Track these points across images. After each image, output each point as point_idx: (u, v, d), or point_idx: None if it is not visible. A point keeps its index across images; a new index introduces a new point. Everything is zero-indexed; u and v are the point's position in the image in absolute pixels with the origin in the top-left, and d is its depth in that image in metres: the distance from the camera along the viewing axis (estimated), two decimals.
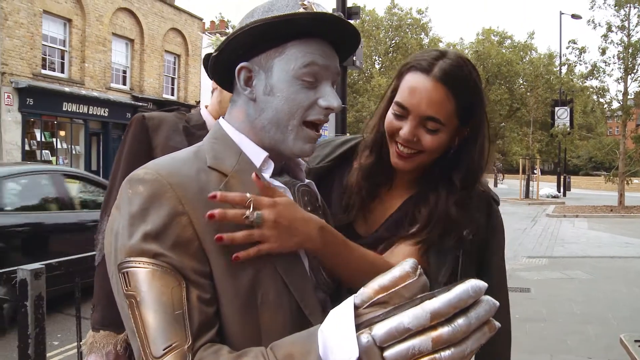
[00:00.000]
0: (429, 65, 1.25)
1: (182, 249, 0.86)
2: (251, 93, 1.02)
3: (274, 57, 1.01)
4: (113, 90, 20.44)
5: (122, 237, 0.87)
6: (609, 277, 8.24)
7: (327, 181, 1.43)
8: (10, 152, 16.15)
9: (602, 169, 29.17)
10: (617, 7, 19.90)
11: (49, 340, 1.90)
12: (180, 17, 24.49)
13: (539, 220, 17.26)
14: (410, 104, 1.26)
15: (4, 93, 15.96)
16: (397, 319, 0.68)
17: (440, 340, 0.67)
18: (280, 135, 1.01)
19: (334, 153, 1.46)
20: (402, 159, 1.31)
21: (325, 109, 1.02)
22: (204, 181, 0.93)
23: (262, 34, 0.98)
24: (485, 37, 44.13)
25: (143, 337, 0.83)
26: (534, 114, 28.59)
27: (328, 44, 1.04)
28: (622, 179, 20.17)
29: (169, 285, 0.84)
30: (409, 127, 1.26)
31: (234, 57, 1.03)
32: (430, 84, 1.24)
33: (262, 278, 0.92)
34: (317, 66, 1.00)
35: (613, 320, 5.84)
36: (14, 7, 16.22)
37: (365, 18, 43.40)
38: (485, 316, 0.69)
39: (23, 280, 1.87)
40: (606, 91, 20.90)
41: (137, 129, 1.94)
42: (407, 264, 0.76)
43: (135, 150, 1.91)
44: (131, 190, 0.90)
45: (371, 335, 0.69)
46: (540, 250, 10.98)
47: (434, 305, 0.67)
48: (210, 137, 1.05)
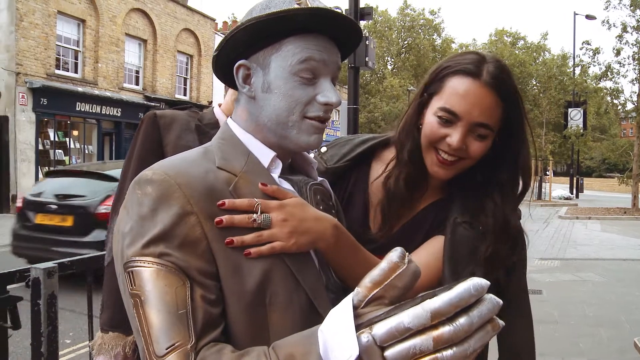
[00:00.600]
0: (477, 69, 1.21)
1: (190, 249, 0.87)
2: (250, 91, 1.03)
3: (271, 54, 1.00)
4: (126, 90, 20.57)
5: (130, 238, 0.87)
6: (622, 280, 8.16)
7: (343, 180, 1.41)
8: (24, 151, 16.31)
9: (616, 171, 28.89)
10: (633, 7, 19.69)
11: (61, 338, 1.93)
12: (193, 17, 24.59)
13: (552, 222, 17.15)
14: (461, 110, 1.21)
15: (19, 93, 16.11)
16: (397, 318, 0.67)
17: (441, 339, 0.66)
18: (282, 132, 1.01)
19: (352, 152, 1.42)
20: (443, 166, 1.26)
21: (324, 105, 1.01)
22: (212, 181, 0.93)
23: (258, 31, 0.98)
24: (498, 38, 43.93)
25: (147, 336, 0.83)
26: (547, 115, 28.38)
27: (328, 39, 1.03)
28: (636, 180, 19.97)
29: (173, 284, 0.84)
30: (459, 135, 1.21)
31: (233, 56, 1.03)
32: (482, 90, 1.20)
33: (272, 278, 0.92)
34: (315, 61, 0.99)
35: (626, 324, 5.78)
36: (29, 8, 16.38)
37: (378, 19, 43.33)
38: (488, 315, 0.67)
39: (36, 278, 1.89)
40: (620, 92, 20.71)
41: (148, 126, 1.94)
42: (393, 254, 0.76)
43: (146, 148, 1.90)
44: (140, 191, 0.90)
45: (371, 335, 0.68)
46: (553, 252, 10.91)
47: (435, 305, 0.66)
48: (219, 137, 1.06)
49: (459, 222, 1.28)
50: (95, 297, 2.23)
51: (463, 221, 1.28)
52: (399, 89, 39.76)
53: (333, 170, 1.38)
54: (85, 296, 2.32)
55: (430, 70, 1.32)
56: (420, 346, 0.66)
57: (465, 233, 1.27)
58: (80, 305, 5.94)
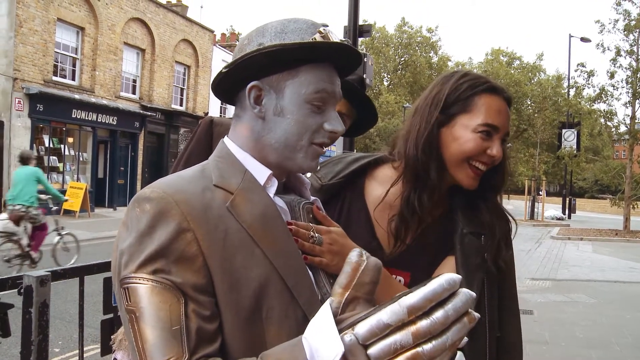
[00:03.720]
0: (495, 87, 1.38)
1: (186, 265, 0.88)
2: (260, 112, 1.05)
3: (287, 80, 1.03)
4: (122, 99, 20.58)
5: (128, 254, 0.89)
6: (613, 302, 8.18)
7: (338, 197, 1.48)
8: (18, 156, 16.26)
9: (608, 192, 29.06)
10: (627, 32, 19.95)
11: (50, 347, 1.92)
12: (192, 28, 24.71)
13: (544, 242, 17.19)
14: (499, 123, 1.35)
15: (15, 98, 16.10)
16: (376, 316, 0.70)
17: (419, 333, 0.68)
18: (289, 154, 1.04)
19: (346, 170, 1.49)
20: (476, 178, 1.38)
21: (330, 133, 1.06)
22: (209, 199, 0.95)
23: (280, 56, 1.01)
24: (494, 57, 44.25)
25: (141, 352, 0.84)
26: (541, 135, 28.58)
27: (334, 68, 1.08)
28: (628, 203, 20.08)
29: (168, 301, 0.85)
30: (498, 145, 1.36)
31: (242, 75, 1.05)
32: (505, 104, 1.39)
33: (268, 293, 0.93)
34: (327, 93, 1.04)
35: (616, 346, 5.79)
36: (29, 14, 16.43)
37: (375, 35, 43.65)
38: (462, 307, 0.70)
39: (29, 286, 1.88)
40: (614, 115, 20.86)
41: (202, 131, 1.96)
42: (352, 255, 0.79)
43: (196, 152, 1.92)
44: (139, 208, 0.92)
45: (354, 334, 0.70)
46: (544, 273, 10.92)
47: (411, 300, 0.68)
48: (215, 155, 1.08)
49: (465, 233, 1.40)
50: (86, 306, 2.23)
51: (469, 232, 1.40)
52: (394, 105, 39.94)
53: (328, 187, 1.46)
54: (77, 304, 2.31)
55: (442, 94, 1.39)
56: (400, 341, 0.68)
57: (473, 243, 1.39)
58: (70, 313, 5.91)
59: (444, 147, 1.37)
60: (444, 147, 1.37)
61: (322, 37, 1.02)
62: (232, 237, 0.93)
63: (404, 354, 0.68)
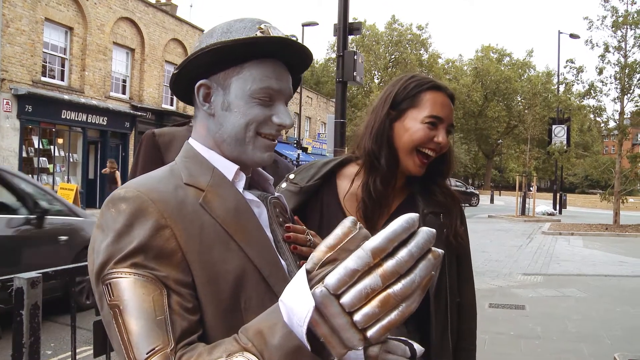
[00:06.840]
0: (439, 85, 1.60)
1: (166, 260, 0.91)
2: (210, 109, 1.09)
3: (232, 76, 1.07)
4: (112, 99, 20.48)
5: (108, 253, 0.90)
6: (603, 296, 8.24)
7: (317, 197, 1.65)
8: (7, 158, 16.14)
9: (598, 188, 29.25)
10: (614, 28, 20.06)
11: (42, 349, 1.90)
12: (182, 28, 24.63)
13: (535, 237, 17.27)
14: (443, 115, 1.56)
15: (3, 100, 15.99)
16: (343, 264, 0.71)
17: (386, 274, 0.69)
18: (239, 148, 1.08)
19: (320, 172, 1.67)
20: (423, 166, 1.57)
21: (278, 125, 1.10)
22: (182, 196, 0.99)
23: (221, 54, 1.05)
24: (485, 54, 44.44)
25: (127, 343, 0.85)
26: (532, 131, 28.70)
27: (282, 64, 1.11)
28: (618, 197, 20.23)
29: (151, 292, 0.87)
30: (444, 134, 1.56)
31: (194, 75, 1.09)
32: (447, 99, 1.59)
33: (245, 284, 0.96)
34: (272, 89, 1.08)
35: (607, 339, 5.84)
36: (16, 14, 16.31)
37: (366, 33, 43.68)
38: (425, 244, 0.71)
39: (19, 288, 1.87)
40: (603, 110, 20.99)
41: (148, 146, 1.95)
42: (347, 221, 0.79)
43: (148, 168, 1.92)
44: (114, 209, 0.94)
45: (324, 286, 0.71)
46: (536, 268, 10.97)
47: (373, 243, 0.70)
48: (182, 156, 1.11)
49: (426, 213, 1.59)
50: (78, 308, 2.22)
51: (429, 212, 1.60)
52: None
53: (306, 189, 1.63)
54: None
55: (390, 93, 1.62)
56: (370, 285, 0.69)
57: (433, 221, 1.58)
58: (62, 315, 5.87)
59: (397, 138, 1.58)
60: (397, 138, 1.58)
61: (262, 33, 1.06)
62: (208, 232, 0.97)
63: (376, 297, 0.70)
